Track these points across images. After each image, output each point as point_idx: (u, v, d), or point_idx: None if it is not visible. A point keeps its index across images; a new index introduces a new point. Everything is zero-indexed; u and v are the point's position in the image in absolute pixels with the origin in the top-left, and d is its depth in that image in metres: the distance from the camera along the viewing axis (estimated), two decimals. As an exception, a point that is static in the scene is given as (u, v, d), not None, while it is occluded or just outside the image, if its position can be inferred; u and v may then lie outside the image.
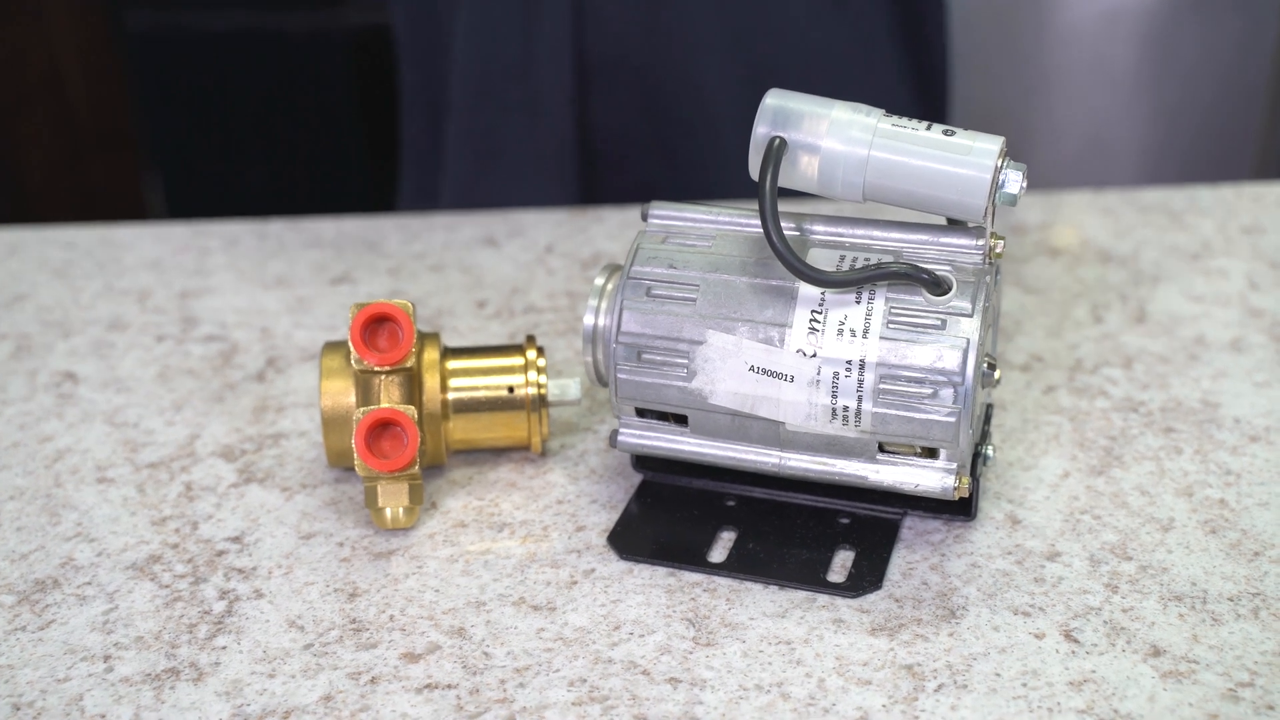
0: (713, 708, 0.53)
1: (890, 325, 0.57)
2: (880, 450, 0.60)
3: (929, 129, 0.57)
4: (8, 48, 1.97)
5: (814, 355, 0.58)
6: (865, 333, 0.57)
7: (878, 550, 0.61)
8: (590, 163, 1.08)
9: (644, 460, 0.66)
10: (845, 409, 0.58)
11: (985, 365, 0.60)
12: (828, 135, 0.57)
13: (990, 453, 0.62)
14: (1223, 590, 0.58)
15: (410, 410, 0.61)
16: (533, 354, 0.67)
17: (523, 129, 1.06)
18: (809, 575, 0.59)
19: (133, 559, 0.62)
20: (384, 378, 0.62)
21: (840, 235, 0.61)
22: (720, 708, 0.53)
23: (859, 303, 0.58)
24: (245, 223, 0.95)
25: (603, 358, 0.63)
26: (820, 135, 0.57)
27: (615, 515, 0.64)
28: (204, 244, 0.93)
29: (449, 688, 0.54)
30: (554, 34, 1.03)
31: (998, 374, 0.61)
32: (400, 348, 0.62)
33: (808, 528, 0.62)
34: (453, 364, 0.66)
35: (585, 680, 0.54)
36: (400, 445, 0.62)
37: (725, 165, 0.83)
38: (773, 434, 0.60)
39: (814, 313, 0.58)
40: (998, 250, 0.59)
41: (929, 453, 0.59)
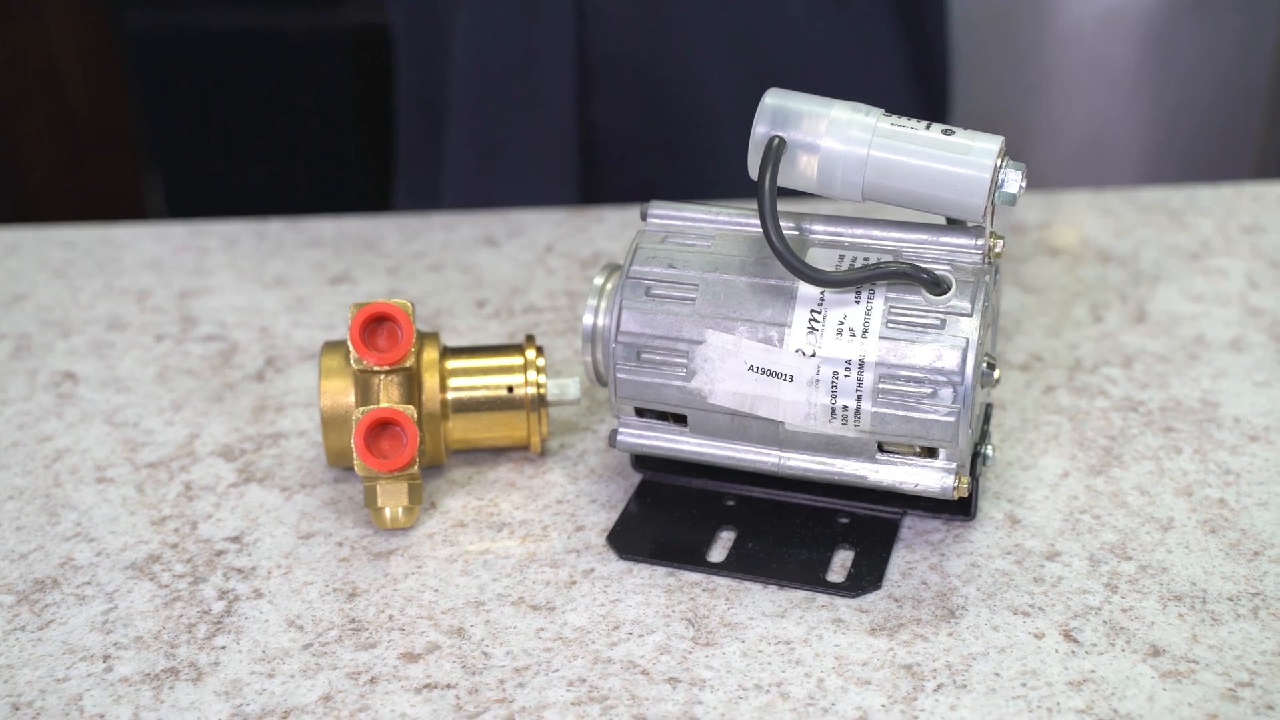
0: (712, 708, 0.53)
1: (889, 325, 0.57)
2: (880, 450, 0.60)
3: (928, 128, 0.57)
4: (7, 48, 1.97)
5: (813, 355, 0.58)
6: (864, 332, 0.57)
7: (877, 550, 0.61)
8: (591, 162, 1.08)
9: (643, 460, 0.66)
10: (844, 409, 0.58)
11: (984, 365, 0.60)
12: (827, 135, 0.57)
13: (990, 452, 0.62)
14: (1222, 590, 0.58)
15: (409, 410, 0.61)
16: (532, 354, 0.67)
17: (524, 128, 1.07)
18: (808, 575, 0.59)
19: (132, 559, 0.62)
20: (383, 377, 0.62)
21: (839, 235, 0.61)
22: (719, 707, 0.53)
23: (858, 302, 0.58)
24: (244, 222, 0.95)
25: (602, 357, 0.63)
26: (819, 135, 0.57)
27: (614, 515, 0.64)
28: (203, 244, 0.93)
29: (448, 688, 0.54)
30: (555, 33, 1.03)
31: (997, 374, 0.61)
32: (399, 347, 0.62)
33: (807, 527, 0.62)
34: (452, 364, 0.66)
35: (584, 680, 0.54)
36: (399, 445, 0.62)
37: (726, 164, 0.83)
38: (772, 434, 0.60)
39: (813, 312, 0.58)
40: (997, 250, 0.59)
41: (928, 452, 0.59)
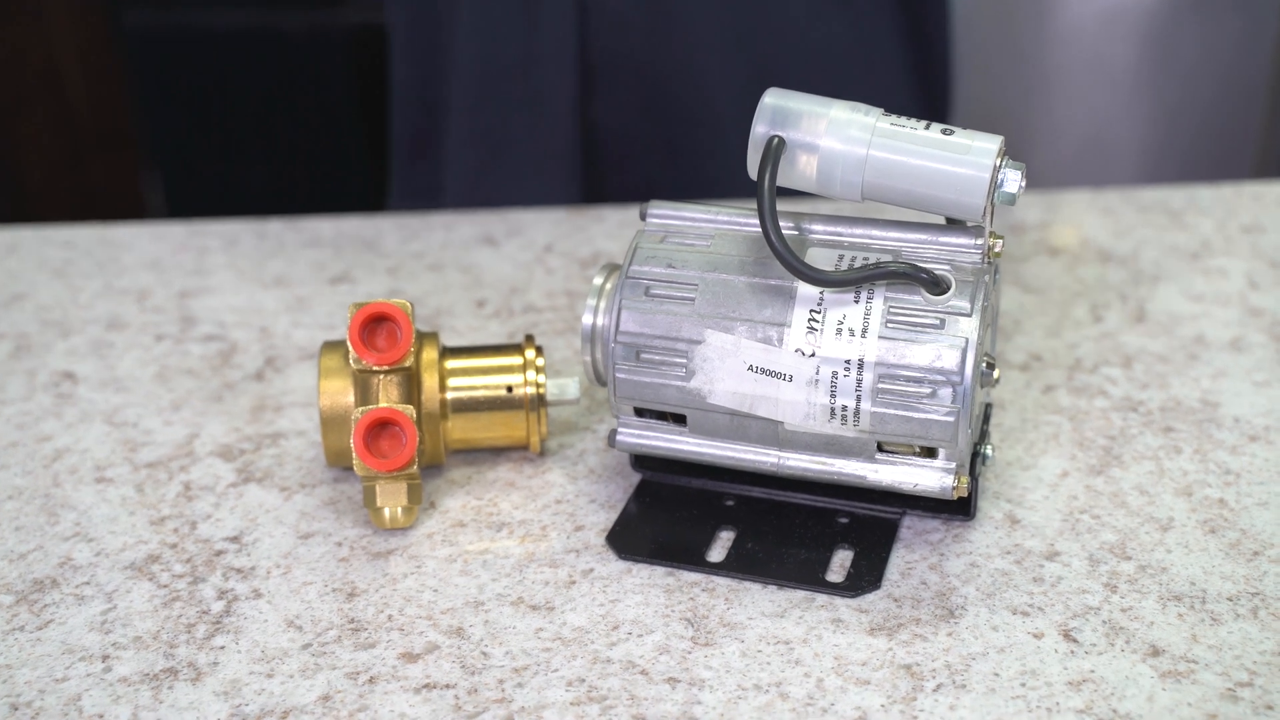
0: (711, 707, 0.53)
1: (889, 325, 0.57)
2: (879, 450, 0.60)
3: (928, 128, 0.57)
4: (7, 48, 1.97)
5: (813, 355, 0.58)
6: (864, 332, 0.57)
7: (876, 550, 0.61)
8: (593, 161, 1.08)
9: (643, 460, 0.66)
10: (844, 408, 0.58)
11: (984, 365, 0.60)
12: (826, 134, 0.57)
13: (989, 452, 0.62)
14: (1222, 590, 0.58)
15: (409, 410, 0.61)
16: (531, 353, 0.67)
17: (525, 127, 1.07)
18: (808, 575, 0.59)
19: (131, 559, 0.62)
20: (382, 377, 0.62)
21: (839, 234, 0.61)
22: (719, 707, 0.53)
23: (858, 302, 0.58)
24: (244, 222, 0.95)
25: (601, 357, 0.63)
26: (819, 134, 0.57)
27: (614, 515, 0.64)
28: (203, 243, 0.93)
29: (447, 687, 0.54)
30: (556, 32, 1.03)
31: (997, 373, 0.61)
32: (399, 347, 0.62)
33: (806, 527, 0.62)
34: (451, 363, 0.66)
35: (584, 680, 0.54)
36: (399, 445, 0.62)
37: (727, 164, 0.83)
38: (771, 433, 0.60)
39: (813, 312, 0.58)
40: (996, 250, 0.59)
41: (928, 452, 0.59)
